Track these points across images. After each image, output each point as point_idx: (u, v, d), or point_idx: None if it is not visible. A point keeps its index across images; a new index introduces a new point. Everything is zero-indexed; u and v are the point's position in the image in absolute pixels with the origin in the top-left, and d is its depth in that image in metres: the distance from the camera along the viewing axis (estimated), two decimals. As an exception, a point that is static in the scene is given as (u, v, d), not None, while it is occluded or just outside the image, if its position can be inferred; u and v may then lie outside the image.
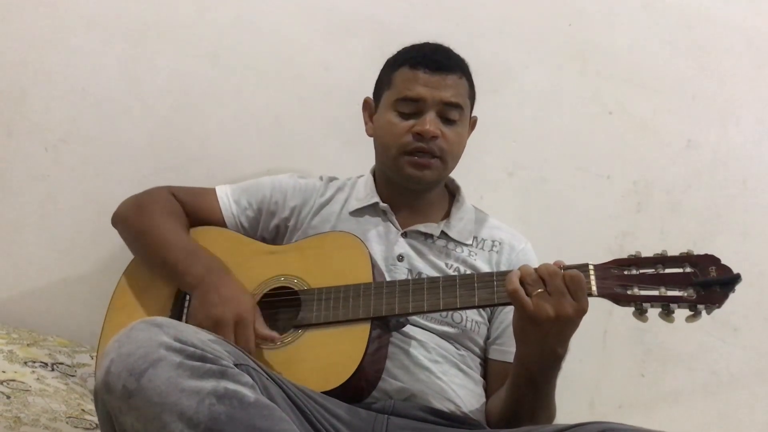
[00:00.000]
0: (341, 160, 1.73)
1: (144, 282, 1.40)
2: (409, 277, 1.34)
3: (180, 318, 1.32)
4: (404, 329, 1.29)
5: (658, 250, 1.12)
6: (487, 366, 1.39)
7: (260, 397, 0.97)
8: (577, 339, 1.67)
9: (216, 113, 1.77)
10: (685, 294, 1.07)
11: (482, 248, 1.42)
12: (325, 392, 1.16)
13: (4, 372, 1.35)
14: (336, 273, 1.27)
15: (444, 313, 1.33)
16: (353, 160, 1.59)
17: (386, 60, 1.44)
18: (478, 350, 1.37)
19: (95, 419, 1.26)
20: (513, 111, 1.78)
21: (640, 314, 1.09)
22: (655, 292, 1.08)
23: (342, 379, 1.16)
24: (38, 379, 1.37)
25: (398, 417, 1.22)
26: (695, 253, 1.09)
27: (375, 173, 1.48)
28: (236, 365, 0.99)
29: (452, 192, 1.49)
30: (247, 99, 1.78)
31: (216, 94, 1.77)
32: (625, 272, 1.11)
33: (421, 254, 1.38)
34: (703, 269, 1.07)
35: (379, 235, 1.40)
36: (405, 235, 1.40)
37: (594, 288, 1.10)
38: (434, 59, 1.36)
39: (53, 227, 1.73)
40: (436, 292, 1.21)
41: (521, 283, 1.11)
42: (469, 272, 1.35)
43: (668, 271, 1.09)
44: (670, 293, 1.07)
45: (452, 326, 1.33)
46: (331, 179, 1.52)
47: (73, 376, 1.46)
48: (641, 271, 1.10)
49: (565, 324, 1.11)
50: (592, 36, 1.77)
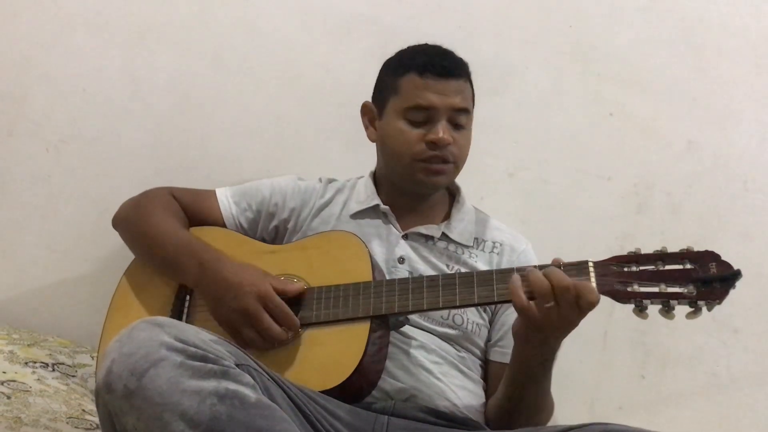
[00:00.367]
0: (342, 161, 1.73)
1: (144, 282, 1.40)
2: (410, 279, 1.34)
3: (180, 318, 1.32)
4: (405, 330, 1.29)
5: (658, 249, 1.12)
6: (487, 368, 1.38)
7: (261, 397, 0.97)
8: (577, 340, 1.66)
9: (217, 114, 1.78)
10: (686, 290, 1.07)
11: (483, 250, 1.42)
12: (326, 391, 1.16)
13: (4, 372, 1.35)
14: (336, 272, 1.27)
15: (445, 315, 1.33)
16: (354, 161, 1.59)
17: (385, 63, 1.43)
18: (478, 352, 1.37)
19: (96, 419, 1.26)
20: (513, 112, 1.78)
21: (641, 311, 1.09)
22: (655, 289, 1.08)
23: (342, 378, 1.16)
24: (39, 379, 1.37)
25: (398, 417, 1.22)
26: (695, 250, 1.09)
27: (375, 175, 1.48)
28: (237, 365, 0.99)
29: (452, 193, 1.49)
30: (247, 100, 1.78)
31: (217, 95, 1.78)
32: (625, 269, 1.10)
33: (421, 256, 1.38)
34: (703, 266, 1.07)
35: (380, 237, 1.40)
36: (406, 237, 1.40)
37: (594, 285, 1.10)
38: (442, 65, 1.34)
39: (54, 228, 1.73)
40: (436, 290, 1.21)
41: (530, 289, 1.10)
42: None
43: (668, 267, 1.09)
44: (671, 290, 1.07)
45: (453, 328, 1.33)
46: (331, 181, 1.52)
47: (73, 376, 1.46)
48: (641, 268, 1.10)
49: (569, 329, 1.12)
50: (593, 37, 1.77)
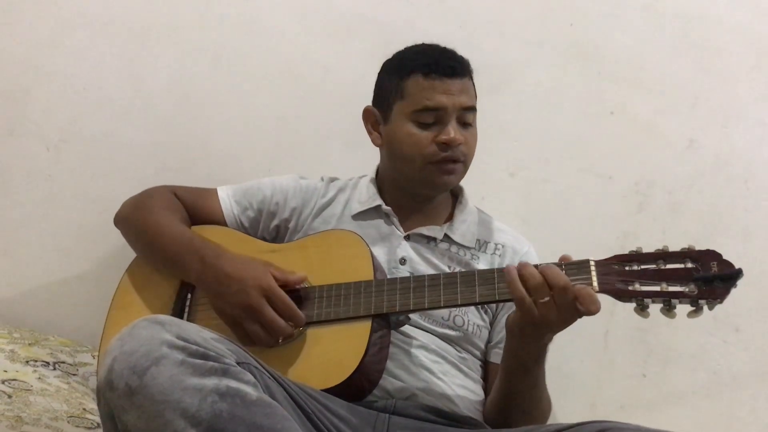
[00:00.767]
0: (343, 160, 1.73)
1: (145, 281, 1.40)
2: (411, 280, 1.34)
3: (181, 316, 1.32)
4: (405, 330, 1.29)
5: (660, 248, 1.12)
6: (487, 368, 1.38)
7: (262, 395, 0.97)
8: (578, 339, 1.67)
9: (217, 114, 1.78)
10: (687, 289, 1.06)
11: (485, 252, 1.42)
12: (327, 390, 1.16)
13: (5, 371, 1.35)
14: (337, 271, 1.27)
15: (446, 316, 1.33)
16: (355, 160, 1.59)
17: (384, 66, 1.42)
18: (478, 353, 1.37)
19: (97, 418, 1.27)
20: (514, 111, 1.78)
21: (642, 310, 1.08)
22: (657, 288, 1.08)
23: (343, 377, 1.16)
24: (40, 378, 1.37)
25: (399, 416, 1.22)
26: (696, 248, 1.09)
27: (378, 176, 1.48)
28: (238, 363, 0.99)
29: (455, 194, 1.48)
30: (248, 100, 1.78)
31: (217, 95, 1.78)
32: (626, 268, 1.10)
33: (423, 257, 1.38)
34: (704, 264, 1.07)
35: (382, 238, 1.39)
36: (408, 238, 1.39)
37: (595, 284, 1.10)
38: (446, 65, 1.34)
39: (55, 227, 1.73)
40: (437, 289, 1.20)
41: (524, 284, 1.10)
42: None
43: (669, 266, 1.08)
44: (672, 288, 1.07)
45: (454, 329, 1.33)
46: (332, 179, 1.52)
47: (74, 375, 1.46)
48: (642, 267, 1.10)
49: (564, 327, 1.12)
50: (594, 36, 1.77)
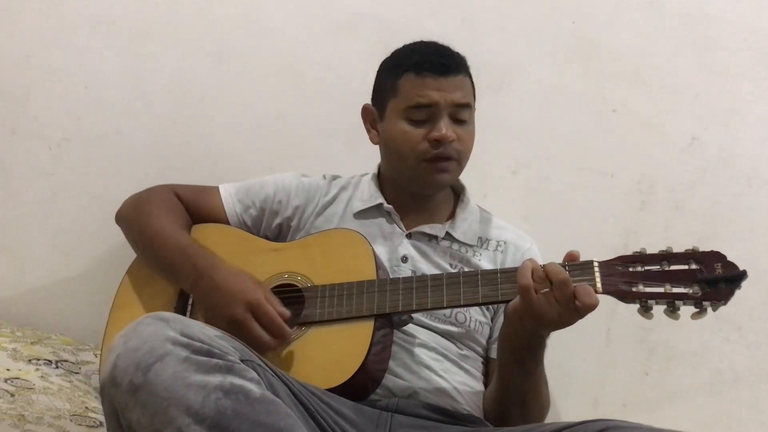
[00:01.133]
0: (345, 158, 1.73)
1: (147, 279, 1.40)
2: (413, 277, 1.34)
3: (183, 314, 1.31)
4: (406, 328, 1.29)
5: (663, 248, 1.12)
6: (488, 365, 1.38)
7: (266, 392, 0.98)
8: (580, 338, 1.67)
9: (219, 112, 1.77)
10: (691, 291, 1.06)
11: (487, 248, 1.42)
12: (329, 389, 1.16)
13: (8, 370, 1.35)
14: (340, 270, 1.27)
15: (448, 313, 1.33)
16: (357, 158, 1.58)
17: (381, 64, 1.42)
18: (480, 349, 1.37)
19: (99, 417, 1.27)
20: (516, 109, 1.77)
21: (645, 311, 1.08)
22: (661, 289, 1.07)
23: (346, 376, 1.16)
24: (42, 377, 1.37)
25: (402, 415, 1.22)
26: (700, 249, 1.09)
27: (379, 175, 1.48)
28: (242, 361, 1.00)
29: (457, 192, 1.48)
30: (250, 98, 1.78)
31: (219, 93, 1.78)
32: (630, 269, 1.10)
33: (425, 255, 1.38)
34: (708, 266, 1.06)
35: (384, 236, 1.39)
36: (409, 236, 1.39)
37: (599, 285, 1.10)
38: (439, 62, 1.33)
39: (57, 225, 1.73)
40: (440, 289, 1.20)
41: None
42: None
43: (673, 267, 1.08)
44: (676, 290, 1.07)
45: (456, 326, 1.33)
46: (335, 178, 1.52)
47: (77, 373, 1.46)
48: (646, 268, 1.09)
49: (562, 326, 1.12)
50: (596, 34, 1.76)
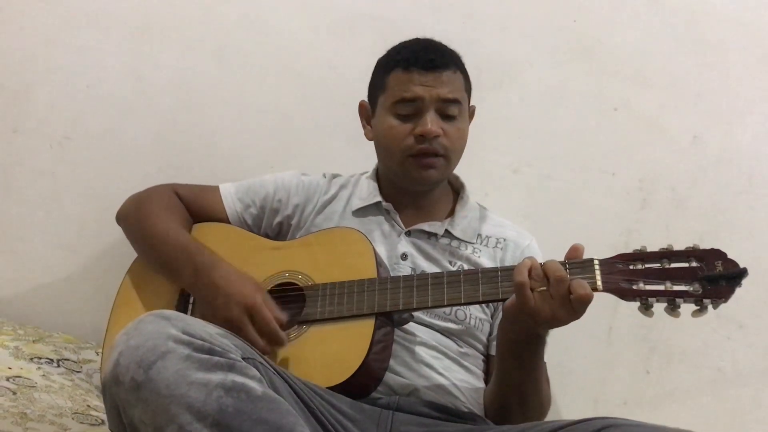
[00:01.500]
0: (345, 157, 1.73)
1: (149, 278, 1.40)
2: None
3: (184, 313, 1.31)
4: (406, 327, 1.29)
5: (664, 246, 1.12)
6: (488, 362, 1.38)
7: (267, 390, 0.98)
8: (582, 336, 1.67)
9: (220, 111, 1.78)
10: (691, 289, 1.06)
11: (486, 245, 1.42)
12: (330, 388, 1.16)
13: (10, 368, 1.35)
14: (340, 269, 1.27)
15: (448, 310, 1.33)
16: (357, 157, 1.58)
17: (377, 61, 1.43)
18: (480, 347, 1.37)
19: (101, 415, 1.27)
20: (517, 108, 1.77)
21: (646, 309, 1.08)
22: (661, 287, 1.07)
23: (346, 375, 1.17)
24: (44, 375, 1.37)
25: (403, 413, 1.22)
26: (701, 247, 1.09)
27: (378, 172, 1.48)
28: (244, 359, 1.00)
29: (456, 190, 1.48)
30: (251, 97, 1.78)
31: (220, 92, 1.78)
32: (631, 267, 1.10)
33: (424, 253, 1.38)
34: (709, 264, 1.06)
35: (383, 234, 1.40)
36: (408, 234, 1.39)
37: (599, 283, 1.10)
38: (427, 57, 1.34)
39: (58, 224, 1.74)
40: (441, 287, 1.21)
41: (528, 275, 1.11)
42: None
43: (674, 265, 1.08)
44: (676, 288, 1.06)
45: (456, 323, 1.33)
46: (335, 176, 1.52)
47: (78, 372, 1.47)
48: (647, 266, 1.09)
49: (558, 324, 1.12)
50: (597, 32, 1.76)
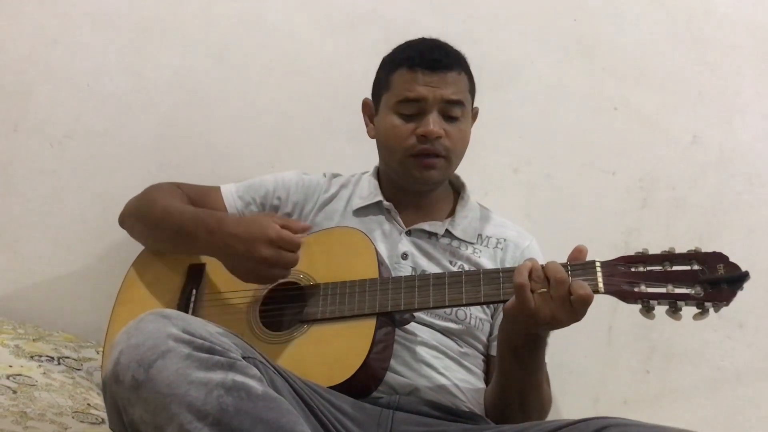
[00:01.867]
0: (346, 156, 1.73)
1: (150, 276, 1.40)
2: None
3: (186, 311, 1.32)
4: (406, 327, 1.29)
5: (664, 247, 1.12)
6: (489, 362, 1.39)
7: (268, 389, 0.98)
8: (582, 335, 1.67)
9: (221, 110, 1.77)
10: (693, 291, 1.06)
11: (487, 246, 1.42)
12: (331, 387, 1.16)
13: (10, 366, 1.35)
14: (342, 268, 1.27)
15: (448, 310, 1.33)
16: (358, 156, 1.59)
17: (382, 59, 1.43)
18: (480, 347, 1.37)
19: (101, 413, 1.27)
20: (518, 107, 1.77)
21: (647, 312, 1.08)
22: (663, 290, 1.07)
23: (347, 374, 1.17)
24: (44, 373, 1.37)
25: (403, 412, 1.22)
26: (702, 250, 1.09)
27: (379, 171, 1.48)
28: (244, 358, 1.00)
29: (457, 189, 1.48)
30: (251, 96, 1.78)
31: (221, 91, 1.78)
32: (632, 269, 1.10)
33: (425, 253, 1.38)
34: (710, 267, 1.06)
35: (383, 233, 1.40)
36: (409, 233, 1.39)
37: (601, 285, 1.10)
38: (432, 58, 1.34)
39: (59, 223, 1.73)
40: (442, 288, 1.21)
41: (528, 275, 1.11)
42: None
43: (676, 268, 1.08)
44: (678, 291, 1.07)
45: (456, 323, 1.34)
46: (335, 176, 1.52)
47: (79, 370, 1.47)
48: (648, 269, 1.09)
49: (558, 326, 1.12)
50: (598, 31, 1.76)
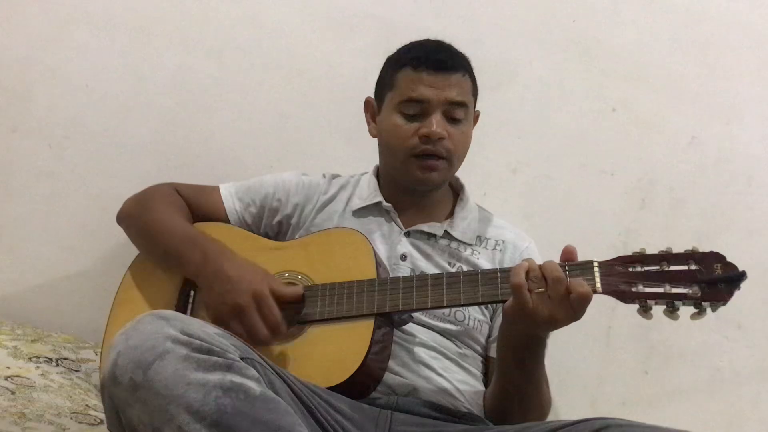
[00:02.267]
0: (345, 157, 1.73)
1: (148, 277, 1.40)
2: (413, 276, 1.34)
3: (184, 313, 1.32)
4: (405, 327, 1.29)
5: (662, 247, 1.12)
6: (487, 363, 1.39)
7: (266, 390, 0.98)
8: (580, 336, 1.67)
9: (220, 110, 1.77)
10: (690, 291, 1.06)
11: (485, 247, 1.42)
12: (330, 388, 1.16)
13: (8, 368, 1.35)
14: (340, 269, 1.27)
15: (447, 311, 1.33)
16: (357, 157, 1.59)
17: (386, 58, 1.43)
18: (479, 348, 1.37)
19: (99, 414, 1.27)
20: (517, 108, 1.78)
21: (645, 312, 1.08)
22: (660, 290, 1.08)
23: (346, 375, 1.17)
24: (43, 374, 1.37)
25: (402, 413, 1.22)
26: (700, 250, 1.09)
27: (378, 172, 1.48)
28: (242, 359, 1.00)
29: (456, 191, 1.48)
30: (251, 96, 1.78)
31: (219, 92, 1.78)
32: (630, 269, 1.10)
33: (424, 254, 1.38)
34: (708, 266, 1.07)
35: (383, 234, 1.40)
36: (408, 234, 1.39)
37: (598, 285, 1.10)
38: (437, 59, 1.34)
39: (57, 224, 1.73)
40: (440, 288, 1.20)
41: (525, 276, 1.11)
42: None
43: (673, 268, 1.08)
44: (675, 291, 1.07)
45: (455, 324, 1.34)
46: (334, 176, 1.52)
47: (77, 371, 1.46)
48: (646, 269, 1.09)
49: (557, 326, 1.12)
50: (596, 32, 1.77)
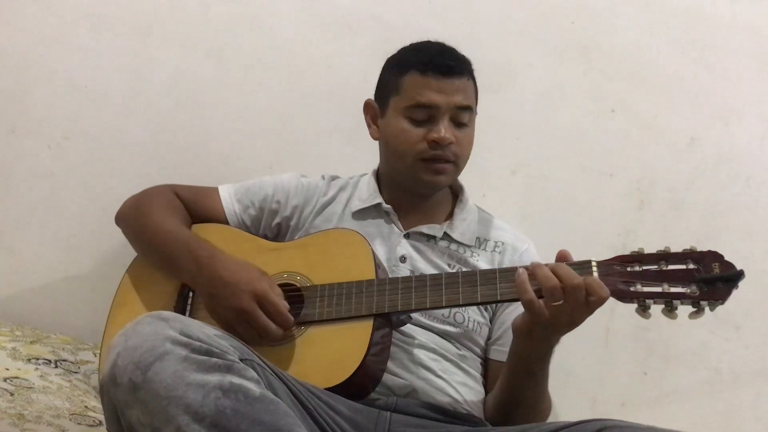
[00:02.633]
0: (344, 158, 1.73)
1: (147, 278, 1.40)
2: (412, 278, 1.34)
3: (183, 314, 1.32)
4: (404, 329, 1.29)
5: (661, 248, 1.12)
6: (487, 366, 1.39)
7: (265, 391, 0.98)
8: (579, 337, 1.66)
9: (219, 111, 1.77)
10: (688, 290, 1.07)
11: (485, 249, 1.42)
12: (329, 389, 1.16)
13: (7, 369, 1.35)
14: (339, 270, 1.27)
15: (446, 313, 1.33)
16: (356, 158, 1.59)
17: (387, 61, 1.43)
18: (478, 350, 1.37)
19: (98, 416, 1.27)
20: (515, 109, 1.77)
21: (643, 311, 1.09)
22: (658, 289, 1.08)
23: (345, 376, 1.17)
24: (42, 376, 1.37)
25: (401, 414, 1.22)
26: (697, 249, 1.09)
27: (378, 174, 1.48)
28: (241, 360, 1.00)
29: (456, 192, 1.48)
30: (250, 97, 1.78)
31: (219, 92, 1.78)
32: (628, 269, 1.10)
33: (423, 255, 1.38)
34: (706, 266, 1.07)
35: (382, 236, 1.40)
36: (407, 236, 1.39)
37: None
38: (444, 63, 1.34)
39: (56, 225, 1.73)
40: (439, 289, 1.21)
41: (537, 288, 1.10)
42: (471, 271, 1.35)
43: (671, 267, 1.09)
44: (673, 290, 1.07)
45: (454, 326, 1.34)
46: (334, 178, 1.52)
47: (76, 372, 1.46)
48: (644, 268, 1.10)
49: (573, 327, 1.13)
50: (595, 34, 1.77)
